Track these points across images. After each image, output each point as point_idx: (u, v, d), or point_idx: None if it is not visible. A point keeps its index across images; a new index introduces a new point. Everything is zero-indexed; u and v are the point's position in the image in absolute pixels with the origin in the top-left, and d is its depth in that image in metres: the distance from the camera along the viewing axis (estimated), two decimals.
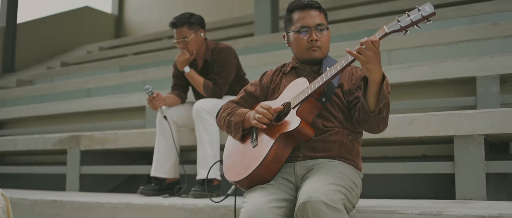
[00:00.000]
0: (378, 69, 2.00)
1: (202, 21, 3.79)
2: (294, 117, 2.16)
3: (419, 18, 1.91)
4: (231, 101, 2.56)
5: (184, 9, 4.32)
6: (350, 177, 2.16)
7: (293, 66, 2.44)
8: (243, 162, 2.26)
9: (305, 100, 2.18)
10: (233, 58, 3.76)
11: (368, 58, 1.96)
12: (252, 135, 2.32)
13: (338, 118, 2.28)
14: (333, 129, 2.25)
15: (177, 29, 3.70)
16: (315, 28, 2.29)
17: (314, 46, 2.30)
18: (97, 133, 4.62)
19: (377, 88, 2.04)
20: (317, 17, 2.32)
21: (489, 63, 3.86)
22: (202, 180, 3.52)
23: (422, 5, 1.92)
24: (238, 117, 2.37)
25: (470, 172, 2.96)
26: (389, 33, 1.97)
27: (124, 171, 4.78)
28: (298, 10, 2.34)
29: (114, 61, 9.82)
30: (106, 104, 6.03)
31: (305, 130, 2.15)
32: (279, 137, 2.16)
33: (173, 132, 3.73)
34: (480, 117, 2.96)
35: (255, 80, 2.58)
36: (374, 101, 2.07)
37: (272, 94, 2.45)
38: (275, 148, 2.16)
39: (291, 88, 2.31)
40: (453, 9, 6.30)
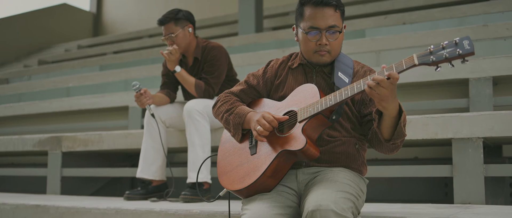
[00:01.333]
0: (394, 105, 1.83)
1: (190, 16, 3.68)
2: (300, 135, 1.97)
3: (455, 56, 1.67)
4: (230, 92, 2.33)
5: (165, 7, 4.20)
6: (357, 184, 2.06)
7: (301, 62, 2.21)
8: (239, 169, 2.11)
9: (314, 117, 1.99)
10: (224, 57, 3.66)
11: (382, 96, 1.77)
12: (251, 139, 2.17)
13: (345, 127, 2.12)
14: (339, 139, 2.10)
15: (164, 26, 3.61)
16: (326, 30, 2.04)
17: (322, 50, 2.07)
18: (80, 134, 4.46)
19: (393, 122, 1.89)
20: (331, 17, 2.03)
21: (482, 65, 3.83)
22: (192, 183, 3.40)
23: (460, 39, 1.68)
24: (238, 117, 2.18)
25: (469, 175, 2.91)
26: (418, 65, 1.73)
27: (107, 174, 4.62)
28: (311, 6, 2.06)
29: (94, 60, 9.60)
30: (87, 103, 5.85)
31: (310, 152, 1.98)
32: (280, 153, 2.00)
33: (161, 132, 3.61)
34: (479, 120, 2.91)
35: (258, 71, 2.33)
36: (389, 133, 1.93)
37: (276, 90, 2.25)
38: (275, 164, 2.01)
39: (299, 94, 2.11)
40: (440, 11, 6.30)
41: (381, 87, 1.75)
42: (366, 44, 5.40)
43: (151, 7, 12.95)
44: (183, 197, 3.31)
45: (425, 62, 1.71)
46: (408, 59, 1.75)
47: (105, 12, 14.33)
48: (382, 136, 1.94)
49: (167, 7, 4.16)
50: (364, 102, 2.12)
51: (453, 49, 1.67)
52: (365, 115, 2.12)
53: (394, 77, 1.73)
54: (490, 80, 3.78)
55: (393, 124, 1.88)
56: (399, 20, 6.51)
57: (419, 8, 6.78)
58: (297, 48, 6.06)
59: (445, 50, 1.68)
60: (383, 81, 1.75)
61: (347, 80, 2.11)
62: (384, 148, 2.03)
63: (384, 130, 1.92)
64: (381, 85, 1.75)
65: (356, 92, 1.86)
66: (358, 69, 2.19)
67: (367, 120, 2.11)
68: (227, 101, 2.28)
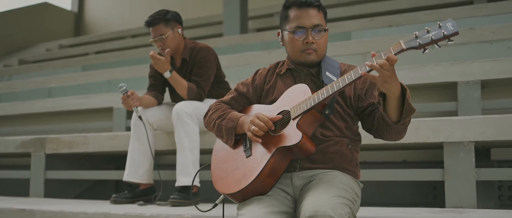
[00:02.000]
0: (396, 85, 1.86)
1: (179, 17, 3.63)
2: (295, 131, 1.98)
3: (440, 37, 1.72)
4: (220, 101, 2.35)
5: (148, 8, 4.15)
6: (352, 188, 2.04)
7: (288, 67, 2.25)
8: (236, 173, 2.08)
9: (307, 112, 2.00)
10: (213, 58, 3.62)
11: (385, 77, 1.81)
12: (245, 142, 2.15)
13: (338, 126, 2.13)
14: (332, 138, 2.11)
15: (153, 28, 3.53)
16: (311, 29, 2.11)
17: (309, 48, 2.12)
18: (65, 135, 4.37)
19: (397, 102, 1.90)
20: (315, 17, 2.12)
21: (471, 68, 3.85)
22: (181, 187, 3.34)
23: (443, 22, 1.74)
24: (230, 122, 2.17)
25: (461, 179, 2.90)
26: (406, 50, 1.78)
27: (92, 176, 4.54)
28: (295, 8, 2.14)
29: (76, 60, 9.47)
30: (71, 104, 5.75)
31: (306, 146, 1.98)
32: (277, 150, 1.99)
33: (148, 135, 3.54)
34: (471, 123, 2.91)
35: (247, 79, 2.37)
36: (396, 114, 1.94)
37: (266, 95, 2.27)
38: (272, 162, 1.99)
39: (290, 94, 2.13)
40: (426, 13, 6.33)
41: (384, 70, 1.78)
42: (352, 46, 5.40)
43: (133, 7, 12.83)
44: (172, 201, 3.25)
45: (412, 46, 1.76)
46: (395, 45, 1.80)
47: (87, 12, 14.15)
48: (390, 119, 1.95)
49: (150, 7, 4.11)
50: (360, 98, 2.15)
51: (438, 31, 1.72)
52: (365, 108, 2.14)
53: (393, 59, 1.78)
54: (479, 84, 3.80)
55: (398, 104, 1.91)
56: (385, 23, 6.53)
57: (404, 11, 6.81)
58: (282, 50, 6.03)
59: (431, 33, 1.73)
60: (385, 65, 1.78)
61: (335, 79, 2.13)
62: (393, 132, 2.03)
63: (391, 112, 1.94)
64: (384, 68, 1.78)
65: (347, 82, 1.90)
66: (345, 68, 2.23)
67: (369, 112, 2.12)
68: (218, 109, 2.29)
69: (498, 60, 3.82)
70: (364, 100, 2.14)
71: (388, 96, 1.89)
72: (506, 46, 4.62)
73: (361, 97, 2.15)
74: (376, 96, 2.07)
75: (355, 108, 2.16)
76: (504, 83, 3.88)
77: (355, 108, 2.16)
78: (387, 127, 2.02)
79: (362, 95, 2.15)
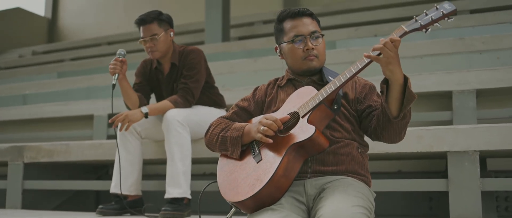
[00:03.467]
0: (399, 70, 1.84)
1: (172, 21, 3.49)
2: (306, 126, 1.93)
3: (439, 16, 1.79)
4: (221, 117, 2.30)
5: (124, 15, 3.99)
6: (368, 197, 1.96)
7: (289, 78, 2.23)
8: (247, 179, 1.96)
9: (316, 107, 1.96)
10: (203, 60, 3.48)
11: (389, 58, 1.80)
12: (253, 149, 2.05)
13: (345, 128, 2.09)
14: (342, 140, 2.05)
15: (145, 26, 3.34)
16: (310, 36, 2.11)
17: (310, 55, 2.11)
18: (45, 144, 4.15)
19: (400, 90, 1.88)
20: (311, 24, 2.14)
21: (466, 77, 3.81)
22: (171, 199, 3.18)
23: (440, 4, 1.80)
24: (235, 131, 2.11)
25: (465, 190, 2.83)
26: (409, 32, 1.84)
27: (73, 187, 4.32)
28: (290, 19, 2.16)
29: (50, 67, 9.19)
30: (48, 112, 5.51)
31: (320, 139, 1.92)
32: (290, 148, 1.91)
33: (135, 144, 3.38)
34: (476, 133, 2.85)
35: (247, 95, 2.34)
36: (397, 105, 1.90)
37: (268, 107, 2.23)
38: (286, 161, 1.90)
39: (295, 98, 2.09)
40: None
41: (387, 49, 1.79)
42: (338, 56, 5.32)
43: (109, 14, 12.57)
44: (164, 213, 3.08)
45: (414, 28, 1.83)
46: (397, 29, 1.85)
47: (61, 18, 13.81)
48: (391, 113, 1.91)
49: (126, 14, 3.94)
50: (359, 100, 2.14)
51: (437, 12, 1.80)
52: (363, 110, 2.12)
53: (396, 40, 1.81)
54: (474, 93, 3.76)
55: (400, 95, 1.88)
56: (370, 32, 6.49)
57: (390, 21, 6.79)
58: (269, 58, 5.94)
59: (430, 14, 1.81)
60: (387, 43, 1.80)
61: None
62: (392, 130, 1.98)
63: (392, 103, 1.90)
64: (386, 47, 1.79)
65: (354, 72, 1.89)
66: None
67: (366, 114, 2.10)
68: (220, 123, 2.24)
69: (494, 69, 3.79)
70: (363, 102, 2.13)
71: (391, 82, 1.86)
72: (495, 56, 4.62)
73: (360, 100, 2.14)
74: (375, 100, 2.12)
75: (355, 111, 2.14)
76: (498, 92, 3.85)
77: (355, 111, 2.14)
78: (387, 124, 1.97)
79: (361, 98, 2.14)
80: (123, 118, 3.21)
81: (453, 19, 1.81)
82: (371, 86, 2.17)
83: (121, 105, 3.57)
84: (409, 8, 7.28)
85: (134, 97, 3.40)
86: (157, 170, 4.49)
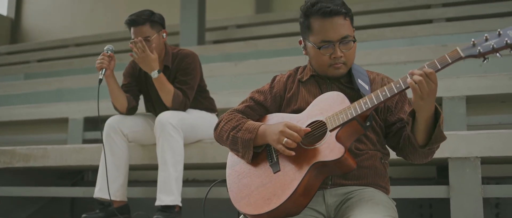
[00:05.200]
0: (429, 107, 1.68)
1: (164, 21, 3.32)
2: (334, 144, 1.73)
3: (502, 45, 1.58)
4: (234, 110, 2.07)
5: (92, 16, 3.83)
6: (393, 207, 1.87)
7: (312, 73, 2.01)
8: (262, 190, 1.80)
9: (348, 123, 1.76)
10: (198, 65, 3.35)
11: (423, 94, 1.62)
12: (270, 156, 1.88)
13: (371, 139, 1.92)
14: (366, 152, 1.90)
15: (136, 28, 3.18)
16: (339, 42, 1.86)
17: (337, 63, 1.89)
18: (20, 148, 3.91)
19: (426, 125, 1.73)
20: (342, 26, 1.86)
21: (456, 84, 3.80)
22: (162, 206, 3.03)
23: (504, 29, 1.60)
24: (248, 133, 1.90)
25: (467, 196, 2.79)
26: (465, 58, 1.63)
27: (48, 193, 4.08)
28: (319, 17, 1.87)
29: (16, 68, 8.86)
30: (18, 114, 5.25)
31: (348, 162, 1.74)
32: (313, 166, 1.73)
33: (122, 147, 3.23)
34: (477, 138, 2.82)
35: (262, 87, 2.10)
36: (424, 138, 1.76)
37: (288, 105, 2.02)
38: (307, 179, 1.73)
39: (322, 103, 1.88)
40: (391, 30, 6.34)
41: (431, 81, 1.61)
42: None
43: (75, 15, 12.19)
44: None
45: (471, 54, 1.61)
46: (452, 52, 1.64)
47: (25, 18, 13.31)
48: (416, 142, 1.77)
49: (94, 16, 3.77)
50: (390, 109, 1.94)
51: (499, 39, 1.59)
52: (393, 123, 1.94)
53: (430, 72, 1.62)
54: (464, 99, 3.76)
55: (427, 128, 1.73)
56: None
57: (368, 27, 6.80)
58: (249, 62, 5.84)
59: (491, 41, 1.59)
60: (432, 74, 1.61)
61: (367, 87, 1.94)
62: (417, 155, 1.85)
63: (418, 134, 1.75)
64: (430, 79, 1.61)
65: (396, 92, 1.70)
66: (374, 76, 2.03)
67: (396, 129, 1.93)
68: (231, 119, 2.02)
69: (482, 76, 3.80)
70: (394, 113, 1.94)
71: (418, 116, 1.71)
72: (478, 63, 4.64)
73: (390, 109, 1.95)
74: (406, 111, 1.92)
75: (384, 120, 1.96)
76: (486, 99, 3.86)
77: (384, 121, 1.96)
78: (413, 150, 1.83)
79: (392, 107, 1.95)
80: (143, 45, 3.05)
81: None
82: (403, 93, 1.94)
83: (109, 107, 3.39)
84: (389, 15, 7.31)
85: (122, 96, 3.23)
86: (143, 176, 4.32)
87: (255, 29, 8.68)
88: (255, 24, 8.96)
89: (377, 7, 7.51)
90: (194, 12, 7.86)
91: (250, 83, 5.20)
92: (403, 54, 4.99)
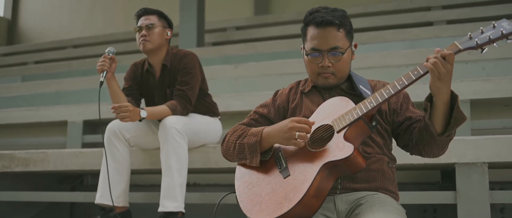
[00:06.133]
0: (447, 89, 1.70)
1: (172, 24, 3.37)
2: (343, 143, 1.75)
3: (498, 36, 1.64)
4: (239, 124, 2.12)
5: (90, 17, 3.78)
6: (403, 214, 1.85)
7: (314, 85, 2.07)
8: (273, 196, 1.79)
9: (354, 123, 1.79)
10: (198, 65, 3.32)
11: (441, 74, 1.66)
12: (279, 162, 1.88)
13: (377, 143, 1.95)
14: (374, 155, 1.92)
15: (145, 16, 3.23)
16: (328, 52, 1.91)
17: (325, 72, 1.95)
18: (19, 152, 3.86)
19: (445, 109, 1.74)
20: (334, 38, 1.91)
21: (459, 88, 3.75)
22: (166, 213, 2.99)
23: (498, 22, 1.67)
24: (253, 137, 1.93)
25: (474, 202, 2.76)
26: (463, 50, 1.68)
27: (50, 198, 4.02)
28: (313, 26, 1.95)
29: (13, 70, 8.79)
30: (16, 117, 5.19)
31: (358, 160, 1.75)
32: (323, 166, 1.74)
33: (124, 152, 3.18)
34: (484, 144, 2.79)
35: (265, 101, 2.17)
36: (442, 122, 1.76)
37: (292, 114, 2.06)
38: (318, 180, 1.73)
39: (327, 108, 1.92)
40: (391, 33, 6.31)
41: (448, 63, 1.66)
42: None
43: (73, 16, 12.15)
44: None
45: (469, 46, 1.68)
46: (451, 46, 1.70)
47: (22, 19, 13.25)
48: (435, 130, 1.77)
49: (92, 16, 3.74)
50: (396, 112, 1.99)
51: (495, 31, 1.65)
52: (401, 122, 1.97)
53: (447, 54, 1.66)
54: (468, 103, 3.72)
55: (445, 112, 1.75)
56: None
57: (368, 30, 6.77)
58: (249, 65, 5.80)
59: (487, 33, 1.66)
60: (450, 56, 1.65)
61: (369, 92, 1.98)
62: (435, 146, 1.85)
63: (436, 121, 1.76)
64: (447, 61, 1.66)
65: (400, 88, 1.74)
66: (375, 83, 2.08)
67: (405, 127, 1.96)
68: (236, 130, 2.06)
69: (487, 79, 3.78)
70: (400, 114, 1.98)
71: (436, 100, 1.73)
72: (481, 66, 4.64)
73: (396, 111, 1.99)
74: (413, 110, 1.98)
75: (391, 123, 1.99)
76: (490, 103, 3.83)
77: (391, 123, 1.99)
78: (430, 140, 1.83)
79: (398, 109, 1.99)
80: (126, 111, 2.92)
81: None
82: (406, 95, 2.03)
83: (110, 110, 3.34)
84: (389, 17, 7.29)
85: (123, 99, 3.19)
86: (144, 180, 4.27)
87: (254, 31, 8.66)
88: (254, 26, 8.94)
89: (377, 9, 7.49)
90: (193, 14, 7.81)
91: (251, 86, 5.17)
92: (404, 57, 4.97)
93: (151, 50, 3.22)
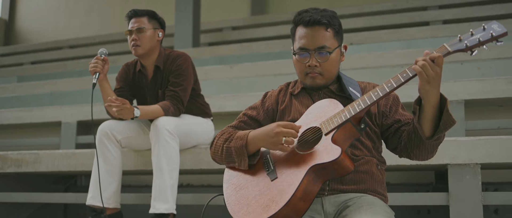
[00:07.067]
0: (436, 92, 1.69)
1: (164, 24, 3.31)
2: (331, 146, 1.73)
3: (488, 38, 1.62)
4: (227, 126, 2.11)
5: (86, 18, 3.77)
6: (391, 216, 1.83)
7: (303, 86, 2.06)
8: (260, 198, 1.78)
9: (342, 125, 1.77)
10: (191, 66, 3.29)
11: (429, 77, 1.64)
12: (267, 165, 1.87)
13: (366, 146, 1.93)
14: (362, 157, 1.91)
15: (135, 18, 3.19)
16: (315, 51, 1.91)
17: (313, 72, 1.94)
18: (11, 152, 3.84)
19: (433, 112, 1.72)
20: (322, 37, 1.91)
21: (454, 88, 3.75)
22: (156, 214, 2.97)
23: (488, 24, 1.65)
24: (239, 140, 1.92)
25: (466, 204, 2.74)
26: (452, 52, 1.66)
27: (43, 199, 3.99)
28: (302, 26, 1.95)
29: (9, 70, 8.76)
30: (10, 118, 5.17)
31: (346, 163, 1.73)
32: (310, 169, 1.72)
33: (115, 153, 3.16)
34: (477, 145, 2.77)
35: (255, 103, 2.16)
36: (430, 126, 1.75)
37: (282, 117, 2.05)
38: (305, 183, 1.72)
39: (316, 111, 1.90)
40: (387, 32, 6.29)
41: (436, 66, 1.64)
42: None
43: (69, 16, 12.11)
44: None
45: (458, 48, 1.65)
46: (440, 48, 1.68)
47: (18, 20, 13.22)
48: (424, 133, 1.76)
49: (88, 17, 3.72)
50: (384, 114, 1.97)
51: (484, 33, 1.63)
52: (390, 125, 1.96)
53: (436, 57, 1.64)
54: (462, 104, 3.71)
55: (434, 115, 1.73)
56: (346, 41, 6.43)
57: (363, 30, 6.76)
58: (244, 65, 5.78)
59: (476, 35, 1.64)
60: (439, 58, 1.63)
61: (359, 94, 1.96)
62: (424, 149, 1.83)
63: (425, 124, 1.75)
64: (436, 63, 1.64)
65: (388, 91, 1.72)
66: (365, 85, 2.07)
67: (394, 130, 1.94)
68: (224, 133, 2.05)
69: (481, 80, 3.76)
70: (389, 117, 1.97)
71: (425, 103, 1.71)
72: (476, 66, 4.62)
73: (385, 114, 1.97)
74: (402, 113, 1.96)
75: (380, 125, 1.98)
76: (485, 103, 3.82)
77: (380, 126, 1.98)
78: (419, 143, 1.82)
79: (387, 112, 1.98)
80: (121, 104, 2.88)
81: (502, 42, 1.64)
82: (395, 97, 2.01)
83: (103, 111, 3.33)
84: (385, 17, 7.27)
85: None
86: (136, 181, 4.25)
87: (250, 31, 8.64)
88: (250, 26, 8.92)
89: (373, 9, 7.47)
90: (189, 14, 7.80)
91: (246, 87, 5.15)
92: (399, 57, 4.95)
93: (143, 55, 3.20)
